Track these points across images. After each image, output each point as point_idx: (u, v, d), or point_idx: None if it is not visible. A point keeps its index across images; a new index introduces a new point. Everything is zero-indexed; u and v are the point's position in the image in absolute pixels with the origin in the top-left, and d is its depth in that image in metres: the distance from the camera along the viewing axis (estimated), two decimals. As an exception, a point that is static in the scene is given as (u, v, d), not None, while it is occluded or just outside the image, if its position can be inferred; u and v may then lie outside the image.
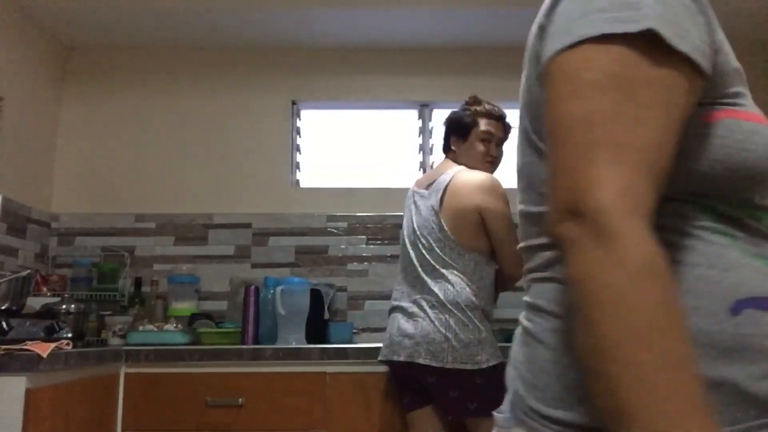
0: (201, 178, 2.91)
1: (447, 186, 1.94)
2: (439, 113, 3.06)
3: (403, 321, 1.89)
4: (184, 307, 2.58)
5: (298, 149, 3.03)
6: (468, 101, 2.11)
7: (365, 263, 2.83)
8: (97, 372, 1.92)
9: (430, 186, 2.01)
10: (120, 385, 2.07)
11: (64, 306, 2.14)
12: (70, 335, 1.93)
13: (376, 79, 3.02)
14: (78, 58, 2.99)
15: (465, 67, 3.01)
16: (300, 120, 3.06)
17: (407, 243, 2.00)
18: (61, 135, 2.92)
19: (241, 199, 2.89)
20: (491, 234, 1.92)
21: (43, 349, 1.60)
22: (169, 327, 2.32)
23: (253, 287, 2.42)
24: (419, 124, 3.07)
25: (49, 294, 2.48)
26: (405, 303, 1.92)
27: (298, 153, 3.03)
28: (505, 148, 2.12)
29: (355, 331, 2.56)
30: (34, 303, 2.17)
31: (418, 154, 3.05)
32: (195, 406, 2.05)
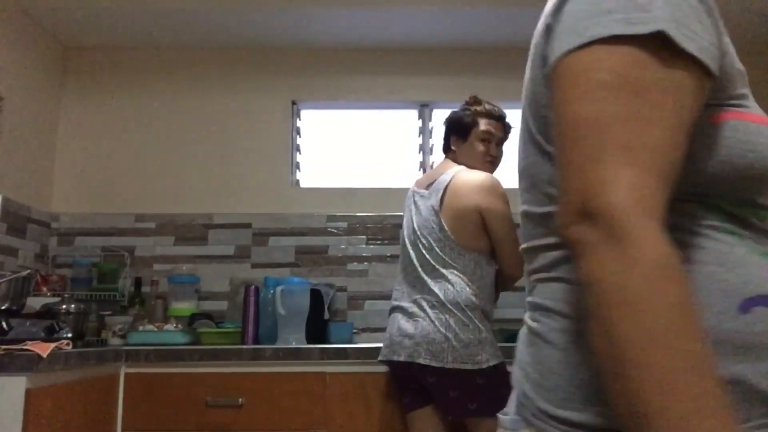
0: (201, 178, 2.91)
1: (447, 186, 1.94)
2: (439, 113, 3.06)
3: (403, 321, 1.88)
4: (184, 307, 2.58)
5: (298, 149, 3.03)
6: (468, 101, 2.11)
7: (365, 263, 2.83)
8: (97, 372, 1.92)
9: (430, 186, 2.01)
10: (120, 385, 2.07)
11: (64, 306, 2.14)
12: (70, 335, 1.93)
13: (376, 79, 3.02)
14: (78, 58, 2.99)
15: (465, 67, 3.01)
16: (300, 120, 3.06)
17: (407, 243, 2.00)
18: (61, 135, 2.92)
19: (241, 199, 2.89)
20: (491, 234, 1.92)
21: (43, 349, 1.60)
22: (169, 327, 2.31)
23: (253, 287, 2.42)
24: (419, 124, 3.07)
25: (49, 294, 2.48)
26: (405, 303, 1.92)
27: (298, 153, 3.03)
28: (505, 148, 2.12)
29: (355, 331, 2.56)
30: (34, 303, 2.17)
31: (418, 154, 3.05)
32: (195, 406, 2.05)
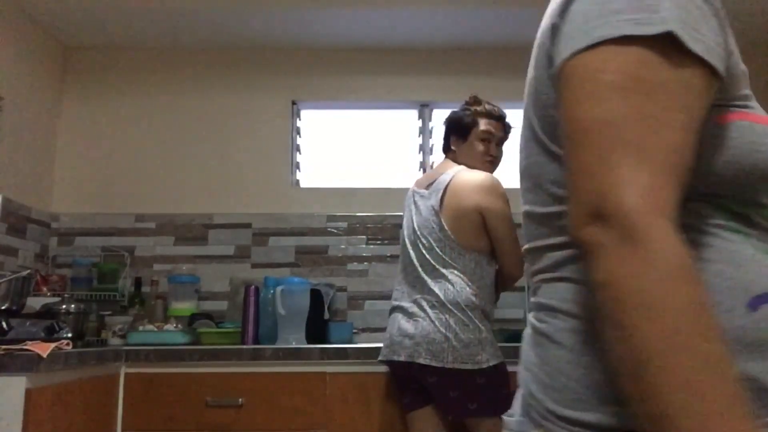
0: (201, 178, 2.91)
1: (447, 186, 1.94)
2: (439, 113, 3.06)
3: (403, 321, 1.88)
4: (184, 307, 2.58)
5: (298, 149, 3.03)
6: (468, 101, 2.11)
7: (365, 263, 2.83)
8: (97, 372, 1.92)
9: (430, 186, 2.01)
10: (120, 385, 2.07)
11: (64, 306, 2.14)
12: (70, 335, 1.93)
13: (376, 79, 3.02)
14: (78, 58, 2.99)
15: (465, 67, 3.01)
16: (300, 120, 3.06)
17: (407, 243, 2.00)
18: (61, 135, 2.92)
19: (241, 199, 2.89)
20: (492, 234, 1.92)
21: (43, 349, 1.60)
22: (169, 327, 2.31)
23: (253, 287, 2.42)
24: (419, 124, 3.07)
25: (49, 294, 2.48)
26: (405, 303, 1.92)
27: (298, 153, 3.03)
28: (505, 148, 2.12)
29: (355, 331, 2.56)
30: (34, 303, 2.17)
31: (418, 154, 3.05)
32: (195, 406, 2.05)
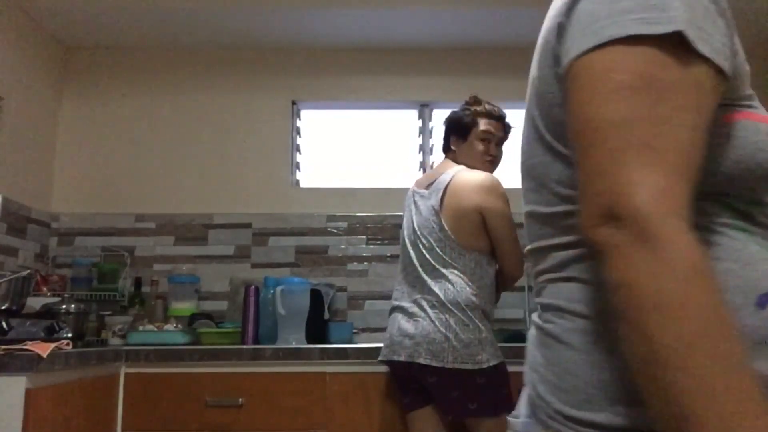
0: (201, 178, 2.91)
1: (447, 186, 1.94)
2: (439, 113, 3.06)
3: (403, 321, 1.88)
4: (184, 307, 2.58)
5: (298, 149, 3.03)
6: (468, 101, 2.10)
7: (365, 263, 2.83)
8: (97, 372, 1.92)
9: (430, 186, 2.01)
10: (120, 385, 2.07)
11: (64, 306, 2.14)
12: (70, 335, 1.93)
13: (376, 79, 3.02)
14: (78, 58, 2.99)
15: (465, 67, 3.01)
16: (300, 120, 3.06)
17: (407, 243, 2.00)
18: (61, 135, 2.92)
19: (241, 199, 2.89)
20: (492, 234, 1.92)
21: (43, 349, 1.60)
22: (169, 327, 2.31)
23: (253, 287, 2.42)
24: (419, 124, 3.07)
25: (49, 294, 2.48)
26: (405, 303, 1.92)
27: (298, 153, 3.03)
28: (505, 148, 2.12)
29: (355, 331, 2.56)
30: (34, 303, 2.17)
31: (418, 154, 3.05)
32: (195, 406, 2.05)
